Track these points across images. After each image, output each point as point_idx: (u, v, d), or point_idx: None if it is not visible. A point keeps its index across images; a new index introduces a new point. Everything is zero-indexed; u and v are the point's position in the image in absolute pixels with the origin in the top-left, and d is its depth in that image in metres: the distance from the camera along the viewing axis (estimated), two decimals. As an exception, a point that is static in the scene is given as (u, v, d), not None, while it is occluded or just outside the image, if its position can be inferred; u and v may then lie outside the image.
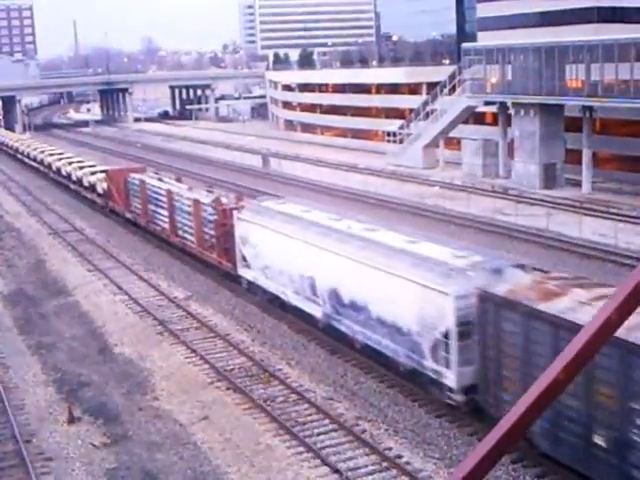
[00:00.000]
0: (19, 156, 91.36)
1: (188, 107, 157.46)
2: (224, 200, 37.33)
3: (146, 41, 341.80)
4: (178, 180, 47.17)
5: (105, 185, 53.91)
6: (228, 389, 24.79)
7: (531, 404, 3.90)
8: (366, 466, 19.68)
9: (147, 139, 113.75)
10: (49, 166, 74.51)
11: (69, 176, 65.56)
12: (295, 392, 24.16)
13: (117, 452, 20.93)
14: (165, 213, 43.15)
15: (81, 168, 62.30)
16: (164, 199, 43.17)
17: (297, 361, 26.99)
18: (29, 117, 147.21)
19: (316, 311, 27.91)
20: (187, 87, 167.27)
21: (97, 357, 28.26)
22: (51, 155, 75.49)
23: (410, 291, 22.23)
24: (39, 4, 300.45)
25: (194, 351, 28.18)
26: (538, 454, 18.83)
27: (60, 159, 71.46)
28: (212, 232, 36.85)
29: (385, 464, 19.68)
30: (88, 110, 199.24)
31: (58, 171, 70.01)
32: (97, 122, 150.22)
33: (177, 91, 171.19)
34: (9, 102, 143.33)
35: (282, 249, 30.01)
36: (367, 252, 24.98)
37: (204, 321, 31.56)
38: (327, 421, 22.19)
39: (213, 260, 37.16)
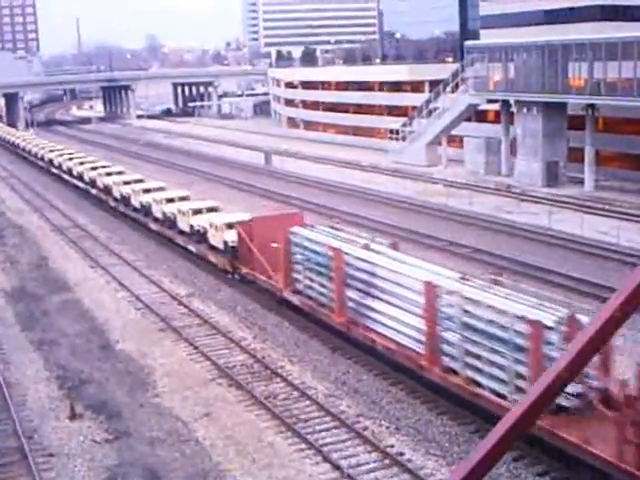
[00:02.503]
0: (41, 164, 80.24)
1: (190, 104, 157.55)
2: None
3: (149, 38, 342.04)
4: (394, 247, 27.54)
5: (231, 237, 35.53)
6: (230, 386, 24.80)
7: (534, 401, 3.90)
8: (368, 463, 19.68)
9: (149, 136, 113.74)
10: (81, 177, 63.92)
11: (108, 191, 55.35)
12: (297, 389, 24.16)
13: (119, 448, 20.94)
14: (417, 320, 22.83)
15: (170, 201, 45.10)
16: (412, 292, 23.18)
17: (299, 358, 26.99)
18: (32, 114, 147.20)
19: None
20: (190, 84, 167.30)
21: (99, 354, 28.26)
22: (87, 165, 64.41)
23: None
24: (42, 1, 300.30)
25: (196, 348, 28.19)
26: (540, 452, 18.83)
27: (96, 169, 61.27)
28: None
29: (387, 461, 19.68)
30: (91, 107, 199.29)
31: (92, 183, 60.08)
32: (100, 119, 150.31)
33: (179, 88, 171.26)
34: (12, 99, 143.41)
35: None
36: None
37: (206, 318, 31.56)
38: (329, 418, 22.18)
39: None
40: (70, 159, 69.75)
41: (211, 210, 41.09)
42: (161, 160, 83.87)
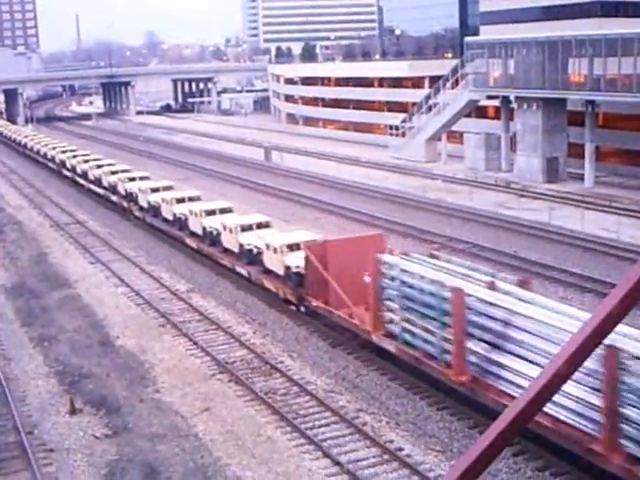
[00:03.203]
0: (65, 173, 70.44)
1: (190, 100, 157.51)
2: None
3: (148, 35, 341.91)
4: (524, 285, 22.12)
5: (295, 261, 30.13)
6: (230, 381, 24.82)
7: (533, 397, 3.90)
8: (367, 458, 19.70)
9: (149, 132, 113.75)
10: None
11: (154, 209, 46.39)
12: (296, 384, 24.19)
13: (118, 444, 20.96)
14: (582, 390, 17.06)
15: (210, 213, 39.68)
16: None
17: (299, 353, 27.02)
18: (31, 110, 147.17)
19: None
20: (189, 80, 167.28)
21: (99, 349, 28.27)
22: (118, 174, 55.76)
23: None
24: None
25: (196, 343, 28.21)
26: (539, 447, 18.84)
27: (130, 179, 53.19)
28: None
29: (386, 456, 19.71)
30: (90, 103, 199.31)
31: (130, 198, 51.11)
32: (99, 115, 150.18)
33: (179, 84, 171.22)
34: (11, 95, 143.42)
35: None
36: None
37: (206, 313, 31.57)
38: (328, 413, 22.21)
39: None
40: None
41: (262, 226, 35.89)
42: (161, 156, 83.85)
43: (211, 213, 39.30)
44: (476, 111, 68.52)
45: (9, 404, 23.48)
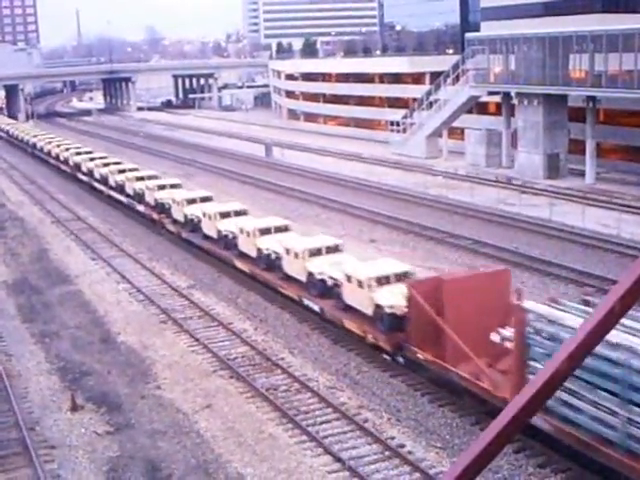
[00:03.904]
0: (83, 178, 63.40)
1: (191, 96, 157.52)
2: None
3: (149, 30, 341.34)
4: None
5: (388, 299, 24.97)
6: (231, 377, 24.84)
7: (534, 393, 3.91)
8: (368, 455, 19.73)
9: (150, 128, 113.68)
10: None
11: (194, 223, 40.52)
12: (298, 381, 24.20)
13: (120, 440, 20.99)
14: None
15: (264, 232, 33.91)
16: None
17: (300, 350, 27.03)
18: (32, 106, 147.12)
19: None
20: (190, 76, 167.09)
21: (100, 346, 28.30)
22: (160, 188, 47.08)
23: None
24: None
25: (197, 340, 28.23)
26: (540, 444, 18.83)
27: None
28: None
29: (387, 453, 19.72)
30: (91, 99, 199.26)
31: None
32: (100, 111, 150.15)
33: (180, 80, 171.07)
34: (12, 91, 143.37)
35: None
36: None
37: (207, 310, 31.59)
38: (330, 410, 22.23)
39: None
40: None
41: (333, 250, 30.35)
42: (161, 152, 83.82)
43: (265, 232, 33.50)
44: (477, 107, 68.47)
45: (11, 401, 23.51)
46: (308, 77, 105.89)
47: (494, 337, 20.36)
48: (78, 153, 67.53)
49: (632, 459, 15.95)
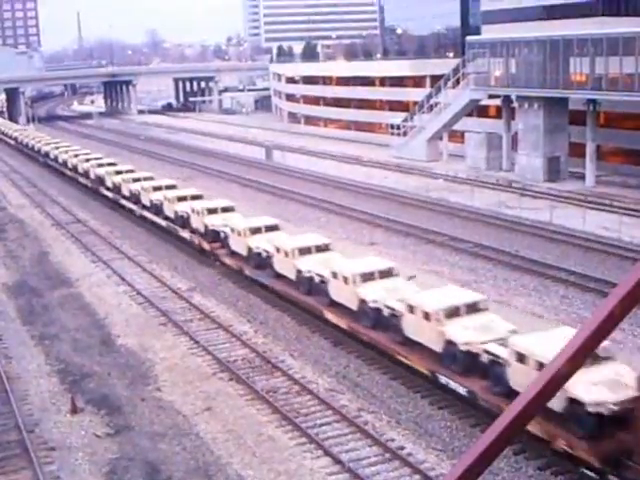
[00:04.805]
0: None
1: (192, 99, 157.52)
2: None
3: (150, 34, 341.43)
4: None
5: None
6: (231, 380, 24.84)
7: (534, 396, 3.91)
8: (368, 457, 19.72)
9: (151, 131, 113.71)
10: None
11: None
12: (298, 383, 24.19)
13: (120, 442, 20.98)
14: None
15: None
16: None
17: (300, 352, 27.02)
18: (32, 109, 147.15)
19: None
20: (191, 79, 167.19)
21: (100, 348, 28.30)
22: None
23: None
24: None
25: (197, 342, 28.22)
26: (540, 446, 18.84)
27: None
28: None
29: (387, 455, 19.72)
30: (92, 102, 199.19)
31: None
32: (101, 114, 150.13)
33: (181, 83, 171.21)
34: (13, 94, 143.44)
35: None
36: None
37: (207, 312, 31.58)
38: (329, 412, 22.22)
39: None
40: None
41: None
42: (162, 155, 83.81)
43: (369, 277, 26.68)
44: (477, 110, 68.47)
45: (11, 403, 23.51)
46: (309, 80, 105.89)
47: None
48: (100, 165, 60.14)
49: None
